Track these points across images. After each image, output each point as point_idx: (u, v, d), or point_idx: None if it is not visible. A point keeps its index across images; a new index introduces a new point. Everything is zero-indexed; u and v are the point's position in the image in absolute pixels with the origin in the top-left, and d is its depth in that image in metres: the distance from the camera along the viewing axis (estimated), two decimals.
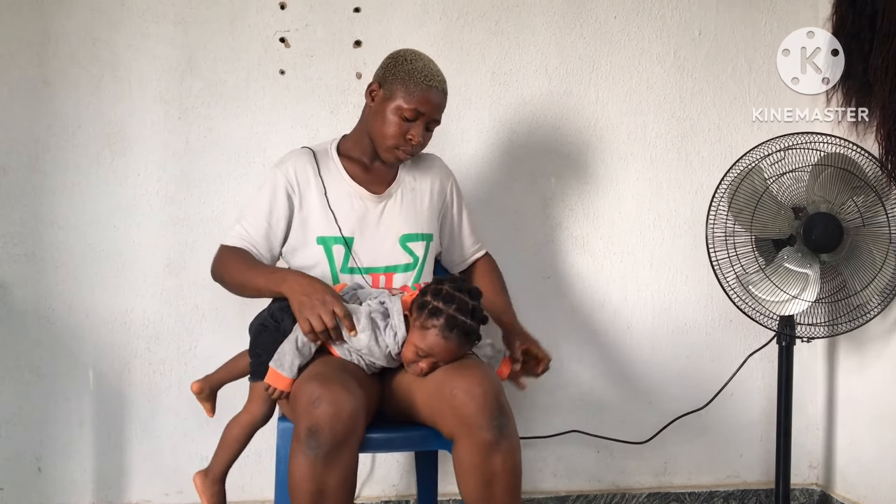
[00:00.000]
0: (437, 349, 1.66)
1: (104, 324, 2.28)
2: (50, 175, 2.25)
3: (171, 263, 2.30)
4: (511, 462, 1.61)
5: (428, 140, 1.89)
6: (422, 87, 1.81)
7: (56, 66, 2.24)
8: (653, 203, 2.46)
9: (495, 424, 1.59)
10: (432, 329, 1.66)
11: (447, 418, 1.63)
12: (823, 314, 2.18)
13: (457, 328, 1.65)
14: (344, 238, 1.87)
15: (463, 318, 1.66)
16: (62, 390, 2.28)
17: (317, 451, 1.54)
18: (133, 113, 2.27)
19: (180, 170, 2.29)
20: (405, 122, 1.83)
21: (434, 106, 1.84)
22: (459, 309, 1.66)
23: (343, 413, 1.56)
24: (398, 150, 1.86)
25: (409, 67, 1.82)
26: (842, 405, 2.43)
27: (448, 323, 1.65)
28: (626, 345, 2.46)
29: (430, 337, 1.66)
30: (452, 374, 1.65)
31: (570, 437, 2.43)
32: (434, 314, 1.66)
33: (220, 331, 2.30)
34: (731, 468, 2.52)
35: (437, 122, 1.88)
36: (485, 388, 1.61)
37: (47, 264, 2.26)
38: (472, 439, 1.59)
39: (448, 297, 1.66)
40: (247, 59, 2.30)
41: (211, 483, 1.84)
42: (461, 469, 1.63)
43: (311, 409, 1.55)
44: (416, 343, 1.67)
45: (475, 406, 1.59)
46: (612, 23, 2.43)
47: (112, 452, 2.30)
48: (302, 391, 1.60)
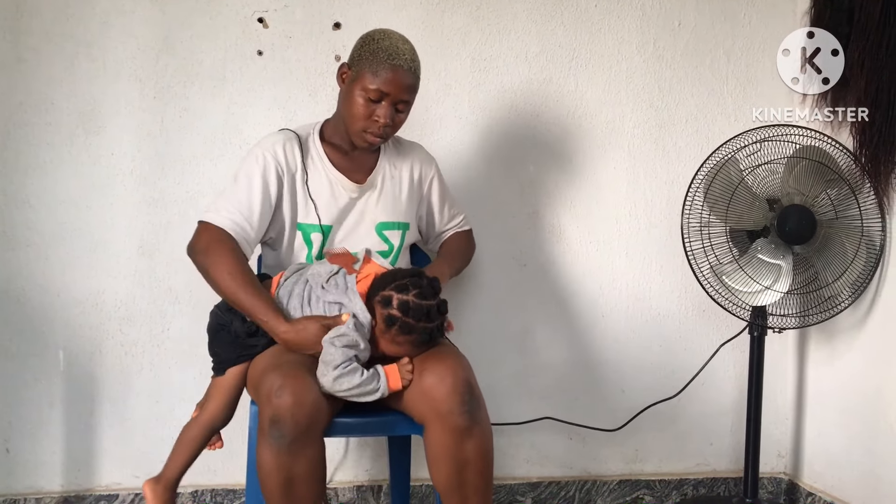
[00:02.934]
0: (402, 350, 1.68)
1: (76, 304, 2.25)
2: (21, 153, 2.22)
3: (145, 244, 2.27)
4: (483, 447, 1.62)
5: (400, 122, 1.85)
6: (385, 66, 1.76)
7: (29, 43, 2.20)
8: (629, 193, 2.47)
9: (466, 410, 1.59)
10: (405, 345, 1.67)
11: (418, 404, 1.63)
12: (795, 305, 2.21)
13: (431, 337, 1.67)
14: (321, 227, 1.86)
15: (433, 327, 1.67)
16: (32, 372, 2.25)
17: (280, 441, 1.53)
18: (107, 91, 2.24)
19: (155, 150, 2.26)
20: (371, 104, 1.79)
21: (399, 86, 1.78)
22: (429, 319, 1.65)
23: (305, 402, 1.55)
24: (366, 134, 1.82)
25: (374, 47, 1.78)
26: (811, 396, 2.47)
27: (422, 336, 1.66)
28: (601, 333, 2.48)
29: (403, 347, 1.67)
30: (423, 360, 1.66)
31: (543, 423, 2.44)
32: (405, 331, 1.65)
33: (194, 313, 2.28)
34: (702, 456, 2.54)
35: (408, 104, 1.83)
36: (456, 374, 1.61)
37: (18, 243, 2.22)
38: (444, 425, 1.60)
39: (417, 312, 1.64)
40: (224, 38, 2.28)
41: (163, 490, 1.77)
42: (433, 455, 1.63)
43: (272, 399, 1.54)
44: (386, 349, 1.68)
45: (446, 391, 1.59)
46: (592, 11, 2.43)
47: (82, 435, 2.28)
48: (263, 382, 1.59)
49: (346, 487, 2.38)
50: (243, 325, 1.74)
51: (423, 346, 1.68)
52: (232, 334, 1.75)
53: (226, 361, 1.77)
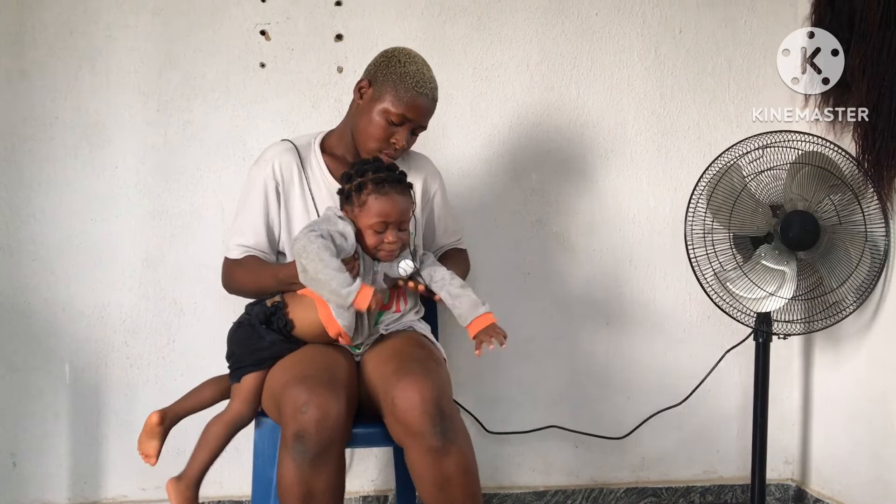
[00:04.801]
0: (384, 210, 1.69)
1: (81, 317, 2.26)
2: (26, 167, 2.23)
3: (150, 257, 2.28)
4: (463, 463, 1.60)
5: (412, 143, 1.86)
6: (412, 93, 1.77)
7: (33, 58, 2.22)
8: (632, 200, 2.47)
9: (438, 430, 1.57)
10: (368, 199, 1.69)
11: (393, 428, 1.63)
12: (800, 311, 2.20)
13: (386, 182, 1.69)
14: None
15: (385, 174, 1.70)
16: (38, 385, 2.26)
17: (304, 456, 1.53)
18: (111, 105, 2.25)
19: (159, 163, 2.27)
20: (391, 126, 1.79)
21: (422, 113, 1.80)
22: (376, 170, 1.70)
23: (330, 417, 1.55)
24: (380, 154, 1.82)
25: (401, 70, 1.78)
26: (817, 401, 2.46)
27: (376, 183, 1.68)
28: (605, 341, 2.47)
29: (370, 208, 1.69)
30: (392, 380, 1.63)
31: (549, 432, 2.44)
32: (359, 189, 1.69)
33: (198, 325, 2.29)
34: (708, 463, 2.54)
35: (424, 128, 1.85)
36: (423, 395, 1.58)
37: (23, 257, 2.23)
38: (419, 447, 1.58)
39: (359, 170, 1.71)
40: (227, 51, 2.29)
41: (185, 488, 1.74)
42: (415, 475, 1.62)
43: (298, 414, 1.54)
44: (365, 224, 1.70)
45: (416, 414, 1.57)
46: (593, 20, 2.43)
47: (88, 447, 2.28)
48: (287, 396, 1.58)
49: (353, 498, 2.38)
50: (261, 308, 1.74)
51: (393, 194, 1.69)
52: (251, 326, 1.74)
53: (240, 360, 1.75)
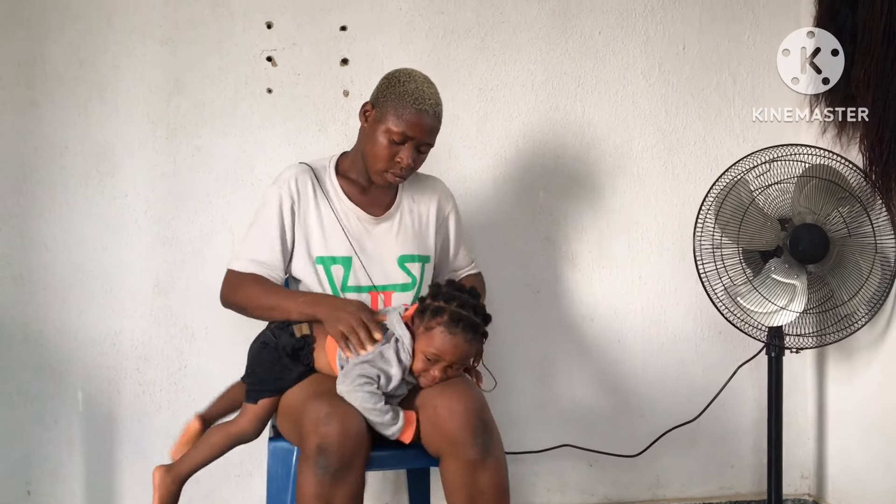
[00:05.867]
0: (444, 349, 1.64)
1: (93, 345, 2.27)
2: (37, 197, 2.24)
3: (160, 283, 2.29)
4: (497, 479, 1.61)
5: (420, 162, 1.87)
6: (411, 110, 1.78)
7: (43, 88, 2.24)
8: (640, 216, 2.47)
9: (479, 442, 1.58)
10: (437, 328, 1.64)
11: (431, 437, 1.63)
12: (812, 325, 2.19)
13: (461, 322, 1.64)
14: (340, 259, 1.86)
15: (466, 313, 1.65)
16: (51, 413, 2.26)
17: (325, 470, 1.53)
18: (120, 133, 2.27)
19: (168, 189, 2.29)
20: (394, 145, 1.80)
21: (423, 129, 1.80)
22: (461, 305, 1.65)
23: (352, 431, 1.56)
24: (387, 174, 1.84)
25: (400, 90, 1.80)
26: (832, 415, 2.44)
27: (452, 318, 1.64)
28: (617, 358, 2.47)
29: (435, 337, 1.64)
30: (434, 393, 1.65)
31: (562, 451, 2.43)
32: (437, 313, 1.65)
33: (210, 350, 2.29)
34: (724, 479, 2.52)
35: (430, 145, 1.85)
36: (466, 405, 1.60)
37: (35, 286, 2.24)
38: (457, 458, 1.59)
39: (447, 295, 1.67)
40: (234, 78, 2.31)
41: (171, 481, 1.74)
42: (448, 488, 1.62)
43: (319, 427, 1.55)
44: (423, 349, 1.65)
45: (458, 424, 1.58)
46: (596, 38, 2.45)
47: (102, 474, 2.28)
48: (309, 410, 1.59)
49: None
50: (290, 340, 1.72)
51: (460, 337, 1.64)
52: (277, 352, 1.73)
53: (262, 383, 1.74)
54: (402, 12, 2.36)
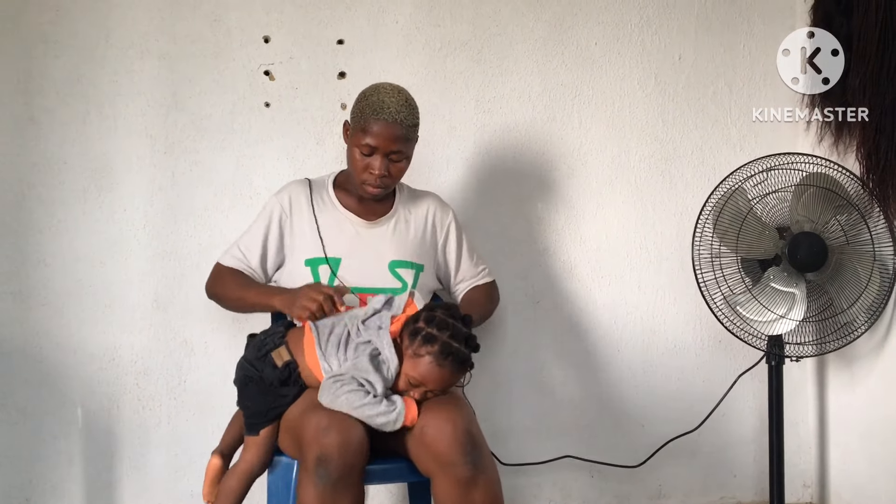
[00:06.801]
0: (429, 377, 1.64)
1: (92, 361, 2.26)
2: (36, 212, 2.25)
3: (159, 298, 2.29)
4: (491, 495, 1.60)
5: (398, 171, 1.90)
6: (371, 120, 1.84)
7: (41, 104, 2.24)
8: (639, 226, 2.48)
9: (469, 460, 1.58)
10: (426, 357, 1.63)
11: (421, 458, 1.63)
12: (811, 333, 2.19)
13: (451, 356, 1.63)
14: (328, 259, 1.89)
15: (457, 346, 1.63)
16: (50, 429, 2.25)
17: (326, 481, 1.53)
18: (119, 148, 2.27)
19: (167, 204, 2.29)
20: (364, 157, 1.87)
21: (386, 138, 1.84)
22: (454, 336, 1.64)
23: (352, 442, 1.56)
24: (366, 185, 1.90)
25: (363, 104, 1.87)
26: (833, 423, 2.44)
27: (442, 350, 1.62)
28: (617, 368, 2.47)
29: (422, 365, 1.64)
30: (423, 412, 1.64)
31: (564, 462, 2.42)
32: (428, 341, 1.63)
33: (210, 365, 2.29)
34: (726, 489, 2.51)
35: (401, 153, 1.88)
36: (455, 424, 1.59)
37: (34, 302, 2.24)
38: (448, 477, 1.58)
39: (442, 323, 1.64)
40: (232, 92, 2.31)
41: None
42: None
43: (319, 437, 1.55)
44: (408, 372, 1.65)
45: (447, 443, 1.58)
46: (592, 49, 2.46)
47: (102, 490, 2.27)
48: (309, 421, 1.59)
49: None
50: (274, 372, 1.70)
51: (447, 370, 1.64)
52: (264, 384, 1.71)
53: (258, 415, 1.73)
54: (398, 25, 2.37)
